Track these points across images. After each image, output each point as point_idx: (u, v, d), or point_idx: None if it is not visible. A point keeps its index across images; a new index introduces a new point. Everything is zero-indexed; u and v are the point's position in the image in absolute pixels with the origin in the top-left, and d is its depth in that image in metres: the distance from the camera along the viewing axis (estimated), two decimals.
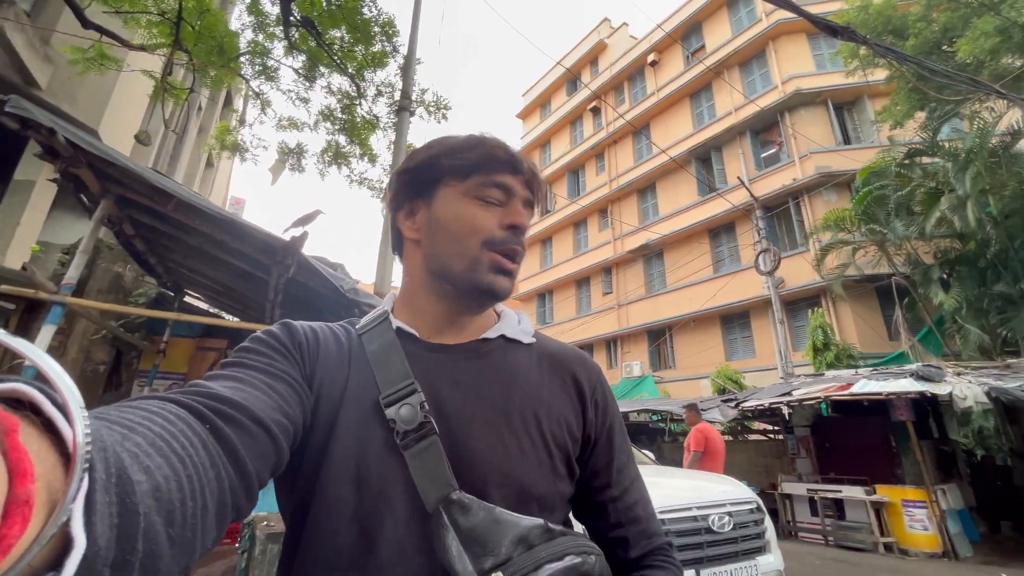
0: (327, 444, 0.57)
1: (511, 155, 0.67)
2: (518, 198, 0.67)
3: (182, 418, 0.38)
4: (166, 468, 0.31)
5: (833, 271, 11.78)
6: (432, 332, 0.68)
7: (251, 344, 0.59)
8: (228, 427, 0.41)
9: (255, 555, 2.66)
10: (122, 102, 7.69)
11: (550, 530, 0.54)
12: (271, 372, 0.54)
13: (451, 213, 0.65)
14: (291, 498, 0.58)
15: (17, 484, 0.19)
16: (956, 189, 9.54)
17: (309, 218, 3.16)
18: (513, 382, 0.65)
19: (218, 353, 5.91)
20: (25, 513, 0.19)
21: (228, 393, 0.45)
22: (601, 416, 0.70)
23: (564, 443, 0.64)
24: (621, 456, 0.71)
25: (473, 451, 0.58)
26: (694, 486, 3.96)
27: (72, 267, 3.14)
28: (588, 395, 0.69)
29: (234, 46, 6.74)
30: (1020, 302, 9.15)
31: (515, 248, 0.65)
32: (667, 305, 17.23)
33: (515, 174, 0.67)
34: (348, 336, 0.67)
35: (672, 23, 19.33)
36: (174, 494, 0.31)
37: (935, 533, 6.78)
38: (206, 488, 0.35)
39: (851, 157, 13.18)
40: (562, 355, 0.73)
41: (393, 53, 7.39)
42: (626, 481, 0.70)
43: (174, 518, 0.31)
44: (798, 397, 8.17)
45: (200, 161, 14.31)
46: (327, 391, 0.59)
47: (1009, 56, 9.24)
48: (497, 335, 0.70)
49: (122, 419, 0.33)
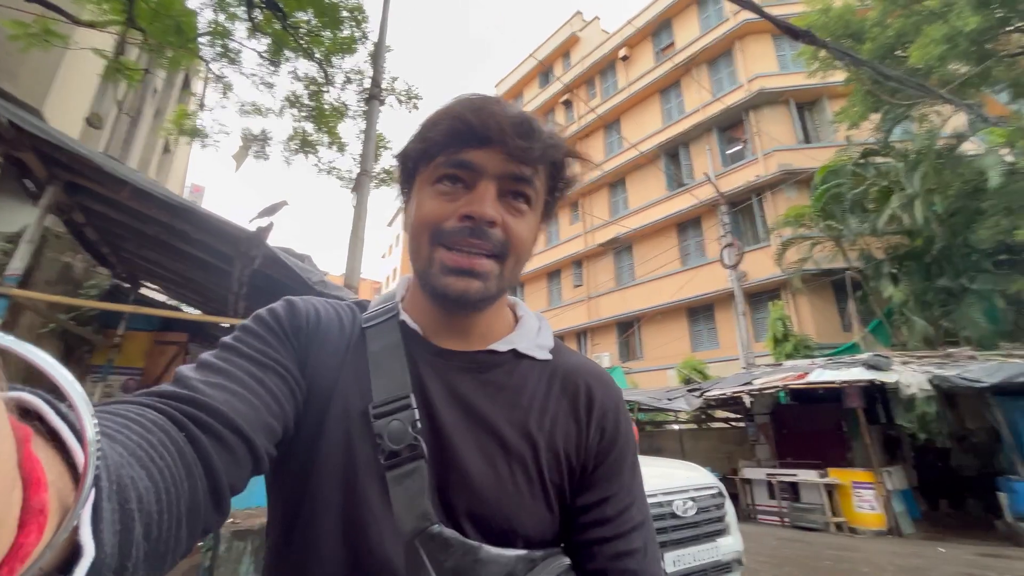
0: (318, 439, 0.54)
1: (477, 123, 0.53)
2: (487, 176, 0.54)
3: (160, 425, 0.37)
4: (146, 480, 0.31)
5: (793, 265, 12.28)
6: (435, 333, 0.61)
7: (250, 324, 0.56)
8: (205, 436, 0.40)
9: (220, 553, 2.61)
10: (69, 82, 7.23)
11: (532, 560, 0.52)
12: (262, 362, 0.51)
13: (414, 206, 0.58)
14: (282, 492, 0.56)
15: (32, 494, 0.20)
16: (906, 188, 10.08)
17: (275, 208, 3.08)
18: (516, 405, 0.58)
19: (178, 347, 5.69)
20: (41, 522, 0.20)
21: (207, 397, 0.43)
22: (606, 443, 0.60)
23: (562, 479, 0.58)
24: (623, 494, 0.59)
25: (462, 477, 0.54)
26: (660, 473, 4.09)
27: (17, 257, 2.97)
28: (596, 418, 0.61)
29: (192, 26, 6.42)
30: (961, 296, 9.78)
31: (469, 241, 0.54)
32: (636, 298, 17.58)
33: (483, 146, 0.54)
34: (353, 323, 0.62)
35: (643, 19, 19.54)
36: (152, 506, 0.31)
37: (881, 512, 7.23)
38: (181, 500, 0.34)
39: (811, 156, 13.72)
40: (578, 375, 0.63)
41: (362, 39, 7.20)
42: (625, 525, 0.58)
43: (151, 531, 0.30)
44: (758, 386, 8.53)
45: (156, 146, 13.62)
46: (319, 379, 0.56)
47: (955, 63, 9.77)
48: (508, 348, 0.62)
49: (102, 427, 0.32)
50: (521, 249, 0.57)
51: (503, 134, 0.53)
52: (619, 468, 0.60)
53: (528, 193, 0.57)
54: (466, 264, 0.54)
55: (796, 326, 12.71)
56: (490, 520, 0.53)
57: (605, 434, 0.60)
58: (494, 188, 0.55)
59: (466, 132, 0.54)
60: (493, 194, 0.55)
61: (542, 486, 0.56)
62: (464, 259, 0.54)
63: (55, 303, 4.04)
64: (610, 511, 0.58)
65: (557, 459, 0.58)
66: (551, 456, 0.57)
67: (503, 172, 0.55)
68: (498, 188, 0.55)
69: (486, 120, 0.53)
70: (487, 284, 0.55)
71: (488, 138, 0.53)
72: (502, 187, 0.55)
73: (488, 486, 0.54)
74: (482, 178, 0.55)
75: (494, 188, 0.55)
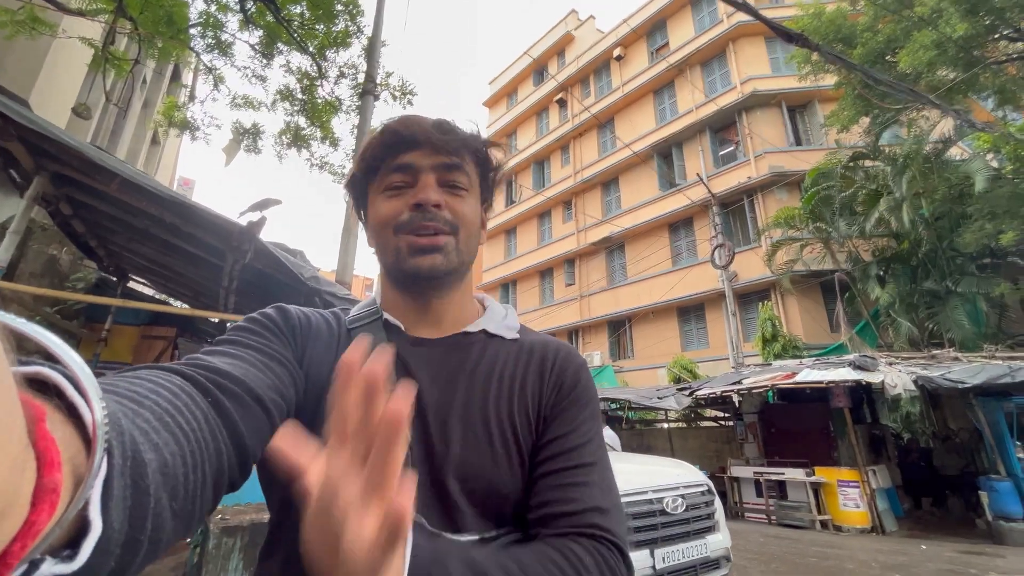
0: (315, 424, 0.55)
1: (405, 132, 0.64)
2: (425, 171, 0.64)
3: (186, 391, 0.39)
4: (172, 444, 0.33)
5: (782, 266, 12.41)
6: (413, 325, 0.68)
7: (246, 324, 0.60)
8: (229, 401, 0.43)
9: (208, 549, 2.58)
10: (57, 71, 7.11)
11: (484, 540, 0.56)
12: (266, 352, 0.55)
13: (372, 215, 0.67)
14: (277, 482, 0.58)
15: (45, 473, 0.20)
16: (894, 191, 10.22)
17: (267, 204, 3.05)
18: (490, 378, 0.65)
19: (166, 341, 5.63)
20: (53, 500, 0.20)
21: (228, 368, 0.46)
22: (563, 393, 0.65)
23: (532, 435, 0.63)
24: (574, 436, 0.61)
25: (447, 447, 0.58)
26: (650, 471, 4.12)
27: (1, 248, 2.92)
28: (555, 373, 0.66)
29: (184, 16, 6.33)
30: (945, 298, 9.95)
31: (424, 224, 0.62)
32: (627, 297, 17.67)
33: (415, 148, 0.64)
34: (339, 325, 0.68)
35: (638, 19, 19.60)
36: (179, 469, 0.32)
37: (865, 510, 7.35)
38: (207, 462, 0.36)
39: (802, 158, 13.85)
40: (544, 348, 0.70)
41: (357, 34, 7.15)
42: (573, 460, 0.59)
43: (177, 492, 0.32)
44: (747, 385, 8.62)
45: (145, 138, 13.44)
46: (315, 375, 0.60)
47: (944, 69, 9.91)
48: (478, 329, 0.69)
49: (131, 391, 0.34)
50: (468, 224, 0.66)
51: (427, 134, 0.64)
52: (574, 415, 0.64)
53: (461, 178, 0.66)
54: (427, 243, 0.62)
55: (785, 327, 12.85)
56: (475, 484, 0.58)
57: (563, 387, 0.66)
58: (433, 178, 0.64)
59: (398, 141, 0.65)
60: (433, 183, 0.64)
61: (518, 448, 0.61)
62: (424, 240, 0.62)
63: (40, 296, 3.98)
64: (557, 448, 0.60)
65: (528, 420, 0.63)
66: (523, 419, 0.63)
67: (436, 163, 0.65)
68: (436, 178, 0.65)
69: (411, 128, 0.65)
70: (448, 257, 0.64)
71: (416, 140, 0.64)
72: (439, 177, 0.65)
73: (473, 456, 0.59)
74: (421, 173, 0.64)
75: (433, 178, 0.64)
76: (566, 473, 0.58)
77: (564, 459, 0.60)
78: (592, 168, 20.25)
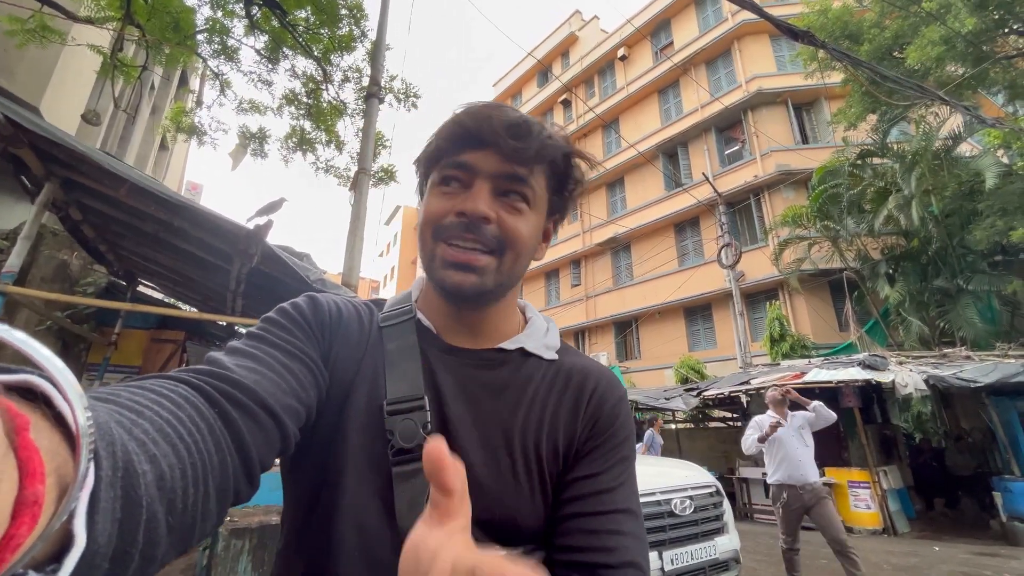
0: (337, 428, 0.56)
1: (473, 127, 0.57)
2: (482, 176, 0.57)
3: (191, 402, 0.38)
4: (172, 456, 0.32)
5: (790, 265, 12.32)
6: (448, 331, 0.64)
7: (275, 316, 0.58)
8: (236, 412, 0.41)
9: (218, 552, 2.60)
10: (66, 78, 7.20)
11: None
12: (289, 351, 0.53)
13: (423, 209, 0.61)
14: (301, 478, 0.58)
15: (27, 484, 0.19)
16: (903, 189, 10.12)
17: (274, 206, 3.07)
18: (520, 402, 0.61)
19: (175, 345, 5.67)
20: (35, 512, 0.19)
21: (240, 376, 0.45)
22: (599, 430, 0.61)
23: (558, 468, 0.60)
24: (607, 477, 0.59)
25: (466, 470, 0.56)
26: (657, 472, 4.10)
27: (13, 254, 2.95)
28: (593, 407, 0.62)
29: (190, 23, 6.40)
30: (956, 296, 9.82)
31: (463, 236, 0.56)
32: (634, 297, 17.60)
33: (479, 148, 0.57)
34: (371, 320, 0.65)
35: (642, 19, 19.55)
36: (177, 482, 0.31)
37: (877, 511, 7.27)
38: (209, 475, 0.35)
39: (809, 156, 13.75)
40: (582, 374, 0.65)
41: (361, 37, 7.18)
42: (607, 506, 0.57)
43: (175, 506, 0.31)
44: (756, 386, 8.55)
45: (153, 143, 13.57)
46: (340, 372, 0.58)
47: (952, 64, 9.81)
48: (516, 347, 0.64)
49: (132, 402, 0.33)
50: (520, 245, 0.59)
51: (496, 136, 0.56)
52: (609, 454, 0.60)
53: (524, 192, 0.59)
54: (462, 258, 0.56)
55: (793, 326, 12.75)
56: (492, 512, 0.55)
57: (599, 423, 0.62)
58: (488, 187, 0.57)
59: (464, 135, 0.58)
60: (487, 192, 0.57)
61: (541, 479, 0.58)
62: (460, 254, 0.56)
63: (51, 300, 4.02)
64: (588, 488, 0.57)
65: (556, 452, 0.59)
66: (551, 450, 0.59)
67: (498, 172, 0.57)
68: (494, 187, 0.58)
69: (481, 124, 0.57)
70: (483, 279, 0.57)
71: (483, 140, 0.57)
72: (498, 186, 0.58)
73: (491, 480, 0.56)
74: (477, 177, 0.58)
75: (488, 187, 0.57)
76: (600, 518, 0.56)
77: (596, 501, 0.57)
78: (596, 168, 20.17)
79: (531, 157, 0.58)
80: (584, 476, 0.58)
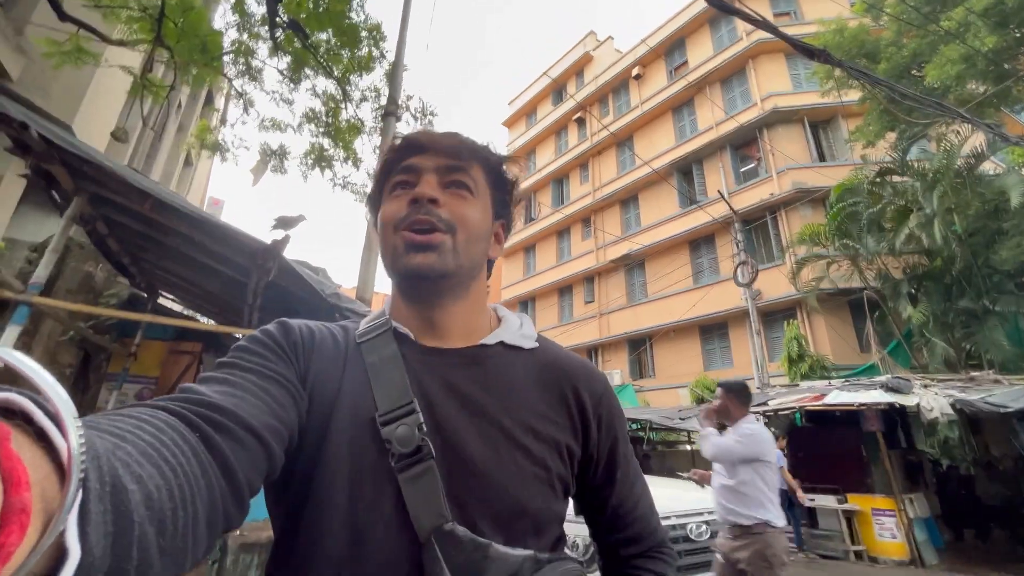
0: (321, 446, 0.56)
1: (414, 138, 0.68)
2: (426, 171, 0.66)
3: (172, 426, 0.38)
4: (158, 477, 0.31)
5: (808, 284, 12.09)
6: (422, 334, 0.66)
7: (247, 344, 0.58)
8: (219, 435, 0.41)
9: (227, 566, 2.59)
10: (98, 97, 7.49)
11: (538, 560, 0.54)
12: (264, 374, 0.53)
13: (380, 218, 0.68)
14: (283, 500, 0.57)
15: (12, 492, 0.19)
16: (924, 207, 9.93)
17: (292, 222, 3.12)
18: (510, 392, 0.63)
19: (192, 356, 5.76)
20: (23, 520, 0.19)
21: (219, 399, 0.44)
22: (605, 432, 0.68)
23: (558, 460, 0.62)
24: (624, 466, 0.70)
25: (467, 465, 0.57)
26: (673, 495, 4.00)
27: (41, 266, 3.04)
28: (591, 411, 0.67)
29: (217, 45, 6.64)
30: (983, 317, 9.53)
31: (419, 219, 0.62)
32: (648, 315, 17.43)
33: (421, 152, 0.67)
34: (346, 339, 0.66)
35: (656, 38, 19.75)
36: (165, 504, 0.31)
37: (903, 541, 6.96)
38: (197, 497, 0.35)
39: (826, 174, 13.60)
40: (565, 365, 0.70)
41: (380, 58, 7.37)
42: (628, 488, 0.71)
43: (165, 528, 0.30)
44: (774, 407, 8.34)
45: (178, 160, 14.00)
46: (320, 391, 0.59)
47: (973, 82, 9.68)
48: (496, 341, 0.68)
49: (112, 428, 0.32)
50: (469, 226, 0.65)
51: (434, 141, 0.67)
52: (618, 445, 0.70)
53: (466, 181, 0.67)
54: (420, 239, 0.62)
55: (812, 346, 12.47)
56: (497, 502, 0.56)
57: (602, 420, 0.68)
58: (434, 178, 0.66)
59: (407, 146, 0.68)
60: (433, 182, 0.66)
61: (543, 466, 0.60)
62: (419, 236, 0.62)
63: (75, 311, 4.12)
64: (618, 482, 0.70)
65: (556, 442, 0.63)
66: (549, 438, 0.62)
67: (439, 165, 0.66)
68: (439, 179, 0.66)
69: (420, 136, 0.68)
70: (443, 257, 0.62)
71: (423, 146, 0.67)
72: (442, 178, 0.66)
73: (492, 470, 0.57)
74: (423, 173, 0.66)
75: (434, 178, 0.66)
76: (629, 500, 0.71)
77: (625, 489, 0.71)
78: (611, 185, 20.24)
79: (466, 154, 0.68)
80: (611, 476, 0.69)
